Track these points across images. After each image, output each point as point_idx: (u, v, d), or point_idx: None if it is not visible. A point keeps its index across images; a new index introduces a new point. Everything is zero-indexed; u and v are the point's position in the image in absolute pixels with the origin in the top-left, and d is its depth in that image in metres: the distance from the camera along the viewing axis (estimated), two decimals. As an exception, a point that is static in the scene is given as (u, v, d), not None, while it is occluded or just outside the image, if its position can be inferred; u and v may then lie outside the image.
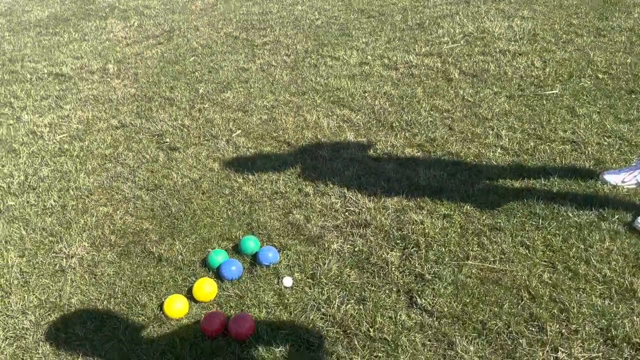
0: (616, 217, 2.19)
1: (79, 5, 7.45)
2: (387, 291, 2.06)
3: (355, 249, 2.31)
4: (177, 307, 2.08)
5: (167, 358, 1.89)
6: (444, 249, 2.21)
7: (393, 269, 2.16)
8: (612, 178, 2.39)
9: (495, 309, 1.89)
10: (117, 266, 2.41)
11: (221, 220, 2.65)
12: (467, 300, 1.94)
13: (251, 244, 2.37)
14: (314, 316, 1.99)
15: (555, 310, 1.84)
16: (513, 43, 4.11)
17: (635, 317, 1.75)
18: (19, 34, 6.27)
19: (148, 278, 2.31)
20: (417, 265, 2.15)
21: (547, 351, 1.71)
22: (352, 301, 2.04)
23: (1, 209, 2.96)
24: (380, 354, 1.79)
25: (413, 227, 2.36)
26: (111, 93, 4.39)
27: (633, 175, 2.35)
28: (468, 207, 2.43)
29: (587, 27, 4.14)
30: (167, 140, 3.52)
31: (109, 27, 6.29)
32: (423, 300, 1.98)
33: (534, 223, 2.25)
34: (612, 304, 1.82)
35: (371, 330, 1.88)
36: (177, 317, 2.08)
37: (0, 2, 8.22)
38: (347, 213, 2.54)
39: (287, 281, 2.17)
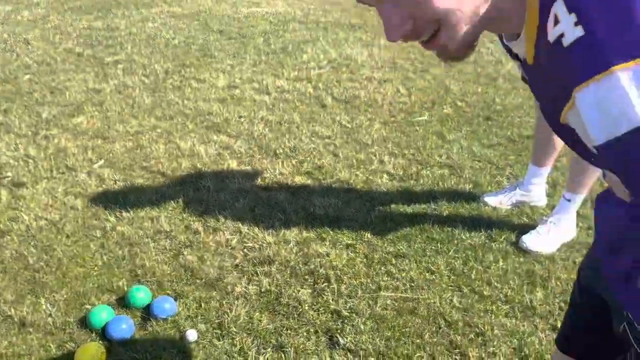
0: (503, 237, 2.36)
1: None
2: (305, 333, 1.93)
3: (262, 290, 2.13)
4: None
5: None
6: (355, 282, 2.15)
7: (307, 307, 2.04)
8: (491, 200, 2.58)
9: (417, 341, 1.88)
10: (-40, 341, 1.89)
11: (96, 268, 2.26)
12: (389, 334, 1.90)
13: (141, 295, 2.05)
14: (231, 373, 1.77)
15: (472, 335, 1.89)
16: (376, 70, 4.32)
17: (540, 334, 1.88)
18: None
19: (10, 350, 1.85)
20: (331, 301, 2.06)
21: (473, 377, 1.74)
22: (270, 349, 1.87)
23: None
24: (312, 407, 1.65)
25: (319, 260, 2.27)
26: None
27: (508, 197, 2.57)
28: (369, 235, 2.42)
29: (438, 58, 4.53)
30: (9, 174, 2.94)
31: None
32: (345, 340, 1.89)
33: (433, 248, 2.32)
34: (518, 322, 1.94)
35: (298, 380, 1.73)
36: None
37: None
38: (245, 250, 2.36)
39: (191, 335, 1.91)
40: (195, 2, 6.56)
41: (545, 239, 2.27)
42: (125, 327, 1.90)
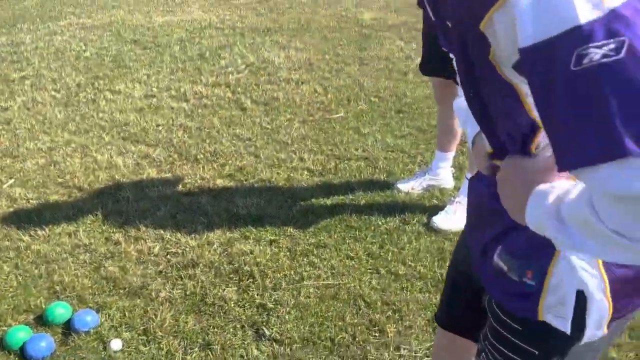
0: (416, 220, 2.51)
1: None
2: (231, 330, 1.97)
3: (187, 293, 2.15)
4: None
5: None
6: (279, 275, 2.22)
7: (232, 305, 2.08)
8: (404, 186, 2.74)
9: (340, 323, 1.97)
10: None
11: (11, 289, 2.19)
12: (313, 320, 1.98)
13: (60, 310, 2.01)
14: (158, 376, 1.78)
15: (390, 312, 2.01)
16: (294, 72, 4.41)
17: (451, 303, 2.03)
18: None
19: None
20: (256, 296, 2.11)
21: (392, 351, 1.86)
22: (196, 349, 1.89)
23: None
24: (240, 398, 1.70)
25: (243, 258, 2.32)
26: None
27: (419, 182, 2.73)
28: (291, 229, 2.49)
29: (352, 57, 4.70)
30: None
31: None
32: (270, 331, 1.95)
33: (352, 235, 2.43)
34: (431, 296, 2.08)
35: (225, 375, 1.77)
36: None
37: None
38: (169, 256, 2.36)
39: (115, 344, 1.90)
40: (106, 13, 6.39)
41: (453, 218, 2.44)
42: (44, 344, 1.86)
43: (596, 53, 0.55)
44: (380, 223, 2.50)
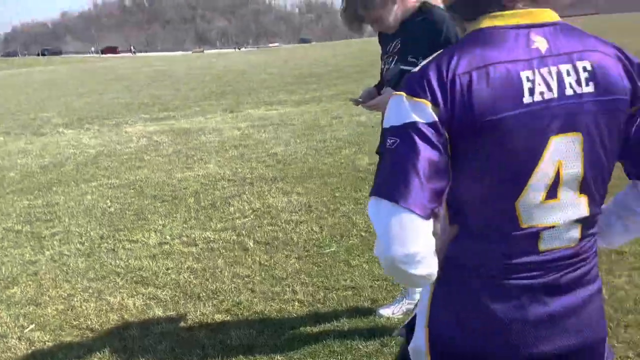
0: (394, 342, 2.69)
1: None
2: None
3: (178, 420, 2.31)
4: None
5: None
6: (263, 400, 2.37)
7: None
8: (385, 312, 2.95)
9: None
10: None
11: None
12: None
13: None
14: None
15: None
16: (294, 214, 4.85)
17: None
18: None
19: None
20: (240, 421, 2.26)
21: None
22: None
23: None
24: None
25: (231, 386, 2.49)
26: None
27: (399, 307, 2.95)
28: (278, 357, 2.68)
29: (347, 198, 5.16)
30: (-62, 349, 3.06)
31: None
32: None
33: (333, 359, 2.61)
34: (404, 412, 2.20)
35: None
36: None
37: None
38: (164, 387, 2.55)
39: None
40: (132, 173, 7.17)
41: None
42: None
43: (387, 142, 1.03)
44: (360, 347, 2.68)
